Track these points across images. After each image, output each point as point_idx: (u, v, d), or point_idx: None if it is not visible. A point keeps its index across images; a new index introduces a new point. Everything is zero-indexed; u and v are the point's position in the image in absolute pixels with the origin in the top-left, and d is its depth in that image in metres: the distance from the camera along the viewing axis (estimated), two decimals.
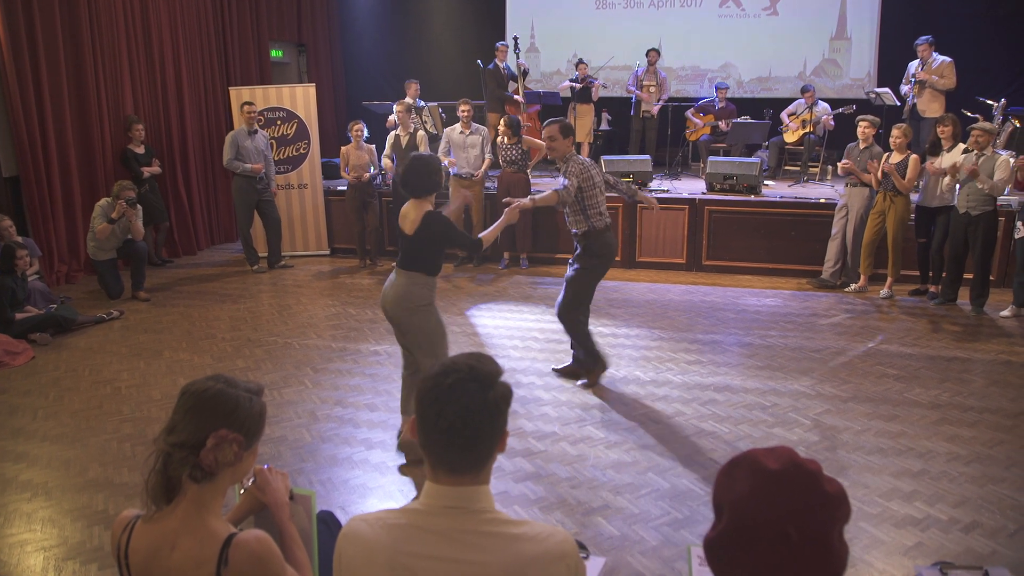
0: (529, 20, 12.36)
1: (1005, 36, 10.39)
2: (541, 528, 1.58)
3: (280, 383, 5.18)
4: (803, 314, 6.64)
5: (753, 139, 9.88)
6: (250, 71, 10.40)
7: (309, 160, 9.08)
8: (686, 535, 3.38)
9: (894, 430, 4.40)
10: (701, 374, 5.28)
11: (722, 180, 8.44)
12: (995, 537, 3.34)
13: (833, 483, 1.28)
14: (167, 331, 6.34)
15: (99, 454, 4.20)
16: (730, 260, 8.15)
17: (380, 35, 13.01)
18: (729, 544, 1.28)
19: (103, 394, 5.04)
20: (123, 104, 8.33)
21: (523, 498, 3.71)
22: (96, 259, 7.17)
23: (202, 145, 9.58)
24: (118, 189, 7.03)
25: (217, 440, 1.74)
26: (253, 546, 1.75)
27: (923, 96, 8.68)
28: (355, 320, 6.57)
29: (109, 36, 8.12)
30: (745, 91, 11.61)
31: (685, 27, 11.68)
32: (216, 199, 9.87)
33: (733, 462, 1.34)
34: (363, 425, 4.55)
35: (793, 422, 4.53)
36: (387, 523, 1.59)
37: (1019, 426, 4.44)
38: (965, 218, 6.46)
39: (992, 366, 5.41)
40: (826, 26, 11.23)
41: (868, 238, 7.06)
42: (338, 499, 3.72)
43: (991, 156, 6.34)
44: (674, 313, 6.72)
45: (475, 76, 10.17)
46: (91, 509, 3.64)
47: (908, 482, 3.81)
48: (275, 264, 8.50)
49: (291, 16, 11.43)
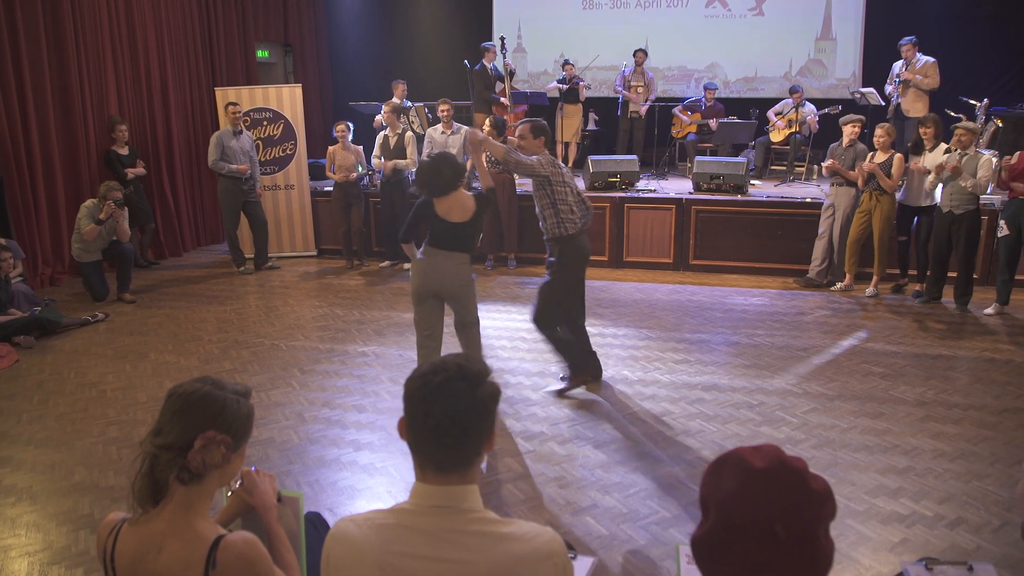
0: (516, 20, 12.36)
1: (988, 37, 10.50)
2: (529, 527, 1.58)
3: (267, 385, 5.16)
4: (790, 313, 6.68)
5: (740, 139, 9.93)
6: (236, 71, 10.35)
7: (295, 161, 9.05)
8: (675, 534, 3.39)
9: (880, 427, 4.43)
10: (689, 373, 5.30)
11: (709, 180, 8.47)
12: (979, 533, 3.37)
13: (819, 480, 1.29)
14: (153, 333, 6.30)
15: (84, 457, 4.17)
16: (717, 259, 8.18)
17: (367, 35, 12.99)
18: (716, 542, 1.29)
19: (88, 397, 5.01)
20: (107, 105, 8.27)
21: (512, 498, 3.71)
22: (81, 261, 7.11)
23: (187, 146, 9.53)
24: (105, 190, 6.97)
25: (204, 442, 1.74)
26: (241, 548, 1.74)
27: (907, 96, 8.75)
28: (342, 321, 6.55)
29: (93, 36, 8.07)
30: (731, 91, 11.66)
31: (671, 27, 11.72)
32: (202, 200, 9.81)
33: (720, 460, 1.34)
34: (351, 426, 4.54)
35: (780, 420, 4.55)
36: (375, 523, 1.59)
37: (1003, 423, 4.49)
38: (949, 217, 6.51)
39: (976, 363, 5.45)
40: (811, 26, 11.30)
41: (853, 237, 7.11)
42: (326, 501, 3.70)
43: (974, 155, 6.40)
44: (662, 313, 6.74)
45: (462, 76, 10.17)
46: (76, 513, 3.61)
47: (894, 479, 3.84)
48: (262, 265, 8.46)
49: (277, 16, 11.39)
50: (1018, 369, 5.32)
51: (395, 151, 8.14)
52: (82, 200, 7.40)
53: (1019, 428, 4.40)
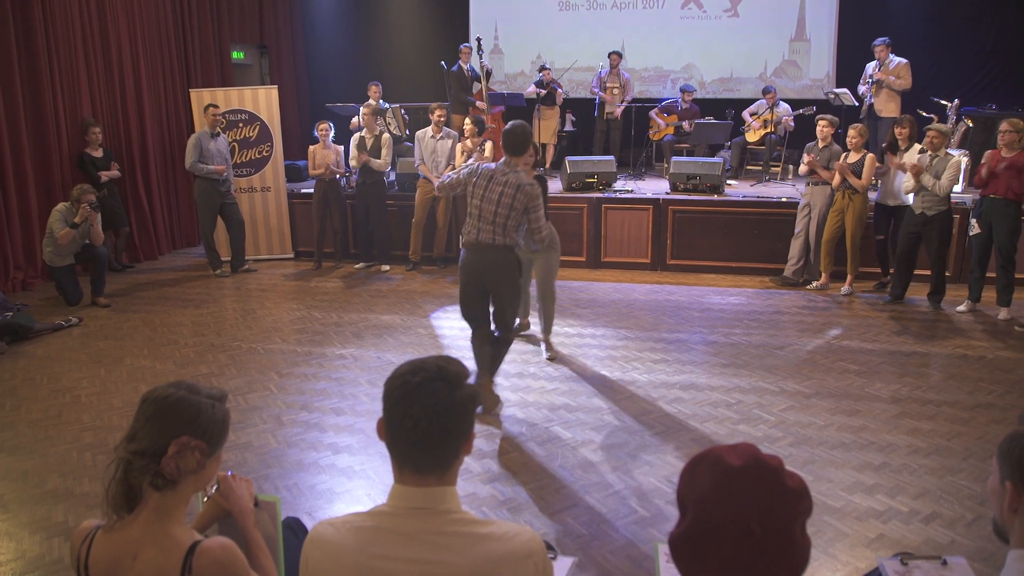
0: (492, 21, 12.37)
1: (958, 38, 10.66)
2: (508, 527, 1.58)
3: (244, 388, 5.11)
4: (766, 312, 6.73)
5: (716, 139, 10.00)
6: (211, 73, 10.25)
7: (272, 163, 8.98)
8: (654, 533, 3.41)
9: (856, 424, 4.48)
10: (667, 373, 5.33)
11: (686, 180, 8.52)
12: (953, 527, 3.42)
13: (794, 478, 1.30)
14: (128, 337, 6.22)
15: (58, 464, 4.11)
16: (694, 259, 8.22)
17: (343, 37, 12.93)
18: (693, 541, 1.29)
19: (62, 403, 4.94)
20: (80, 107, 8.16)
21: (491, 499, 3.71)
22: (53, 265, 6.99)
23: (162, 148, 9.43)
24: (78, 193, 6.86)
25: (179, 447, 1.72)
26: (217, 553, 1.73)
27: (880, 96, 8.86)
28: (320, 324, 6.52)
29: (64, 36, 7.94)
30: (707, 92, 11.73)
31: (647, 28, 11.78)
32: (177, 202, 9.71)
33: (696, 459, 1.35)
34: (329, 429, 4.51)
35: (758, 419, 4.59)
36: (353, 526, 1.58)
37: (975, 418, 4.55)
38: (920, 218, 6.59)
39: (949, 360, 5.53)
40: (786, 28, 11.41)
41: (827, 236, 7.18)
42: (304, 505, 3.68)
43: (944, 157, 6.49)
44: (639, 312, 6.77)
45: (438, 77, 10.15)
46: (50, 521, 3.56)
47: (870, 475, 3.88)
48: (238, 268, 8.39)
49: (253, 17, 11.30)
50: (990, 365, 5.41)
51: (371, 152, 8.12)
52: (54, 203, 7.28)
53: (991, 423, 4.47)
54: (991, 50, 10.64)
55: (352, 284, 7.90)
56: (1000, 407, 4.70)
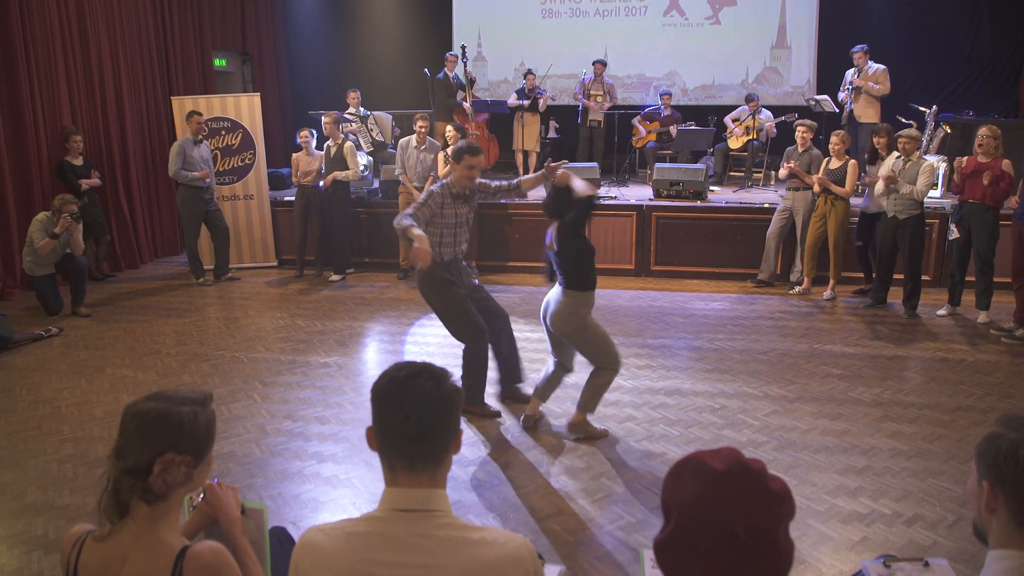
0: (476, 29, 12.40)
1: (936, 45, 10.82)
2: (500, 534, 1.59)
3: (228, 398, 5.08)
4: (749, 317, 6.77)
5: (698, 146, 10.07)
6: (193, 80, 10.21)
7: (255, 171, 8.95)
8: (640, 538, 3.41)
9: (839, 428, 4.51)
10: (651, 378, 5.34)
11: (669, 186, 8.57)
12: (935, 529, 3.45)
13: (777, 481, 1.31)
14: (110, 347, 6.17)
15: (38, 476, 4.06)
16: (678, 265, 8.26)
17: (326, 44, 12.92)
18: (678, 545, 1.30)
19: (42, 414, 4.88)
20: (60, 115, 8.09)
21: (477, 507, 3.70)
22: (33, 275, 6.92)
23: (144, 156, 9.36)
24: (60, 203, 6.79)
25: (164, 465, 1.72)
26: (208, 557, 1.73)
27: (859, 102, 8.95)
28: (304, 332, 6.49)
29: (43, 43, 7.88)
30: (690, 99, 11.82)
31: (630, 36, 11.86)
32: (159, 211, 9.65)
33: (680, 464, 1.36)
34: (314, 438, 4.49)
35: (742, 423, 4.61)
36: (344, 532, 1.59)
37: (956, 420, 4.60)
38: (893, 222, 6.65)
39: (930, 363, 5.58)
40: (767, 35, 11.52)
41: (810, 240, 7.24)
42: (289, 514, 3.66)
43: (917, 162, 6.55)
44: (623, 318, 6.79)
45: (422, 85, 10.17)
46: (29, 535, 3.51)
47: (853, 479, 3.91)
48: (221, 276, 8.34)
49: (235, 25, 11.27)
50: (970, 368, 5.46)
51: (334, 161, 8.14)
52: (34, 213, 7.21)
53: (972, 426, 4.52)
54: (968, 57, 10.80)
55: (336, 292, 7.87)
56: (980, 410, 4.75)
